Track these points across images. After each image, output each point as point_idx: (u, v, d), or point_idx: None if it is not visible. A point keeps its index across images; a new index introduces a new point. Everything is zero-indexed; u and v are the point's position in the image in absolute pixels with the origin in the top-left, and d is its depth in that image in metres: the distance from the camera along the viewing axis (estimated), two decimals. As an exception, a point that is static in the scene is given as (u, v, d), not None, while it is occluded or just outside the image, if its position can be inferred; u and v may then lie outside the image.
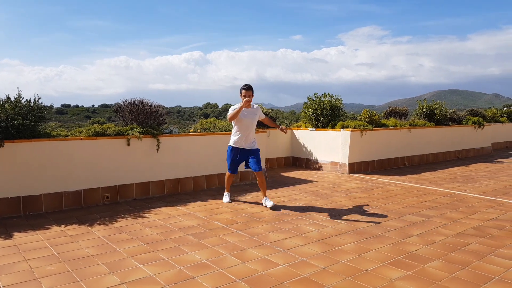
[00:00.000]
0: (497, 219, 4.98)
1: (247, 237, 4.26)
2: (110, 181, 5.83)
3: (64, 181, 5.47)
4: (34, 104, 5.40)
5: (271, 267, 3.48)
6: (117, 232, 4.42)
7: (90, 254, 3.76)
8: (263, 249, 3.90)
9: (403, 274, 3.34)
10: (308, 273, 3.36)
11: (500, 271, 3.39)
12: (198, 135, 6.74)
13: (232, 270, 3.41)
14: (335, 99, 9.16)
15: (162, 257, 3.69)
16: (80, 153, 5.58)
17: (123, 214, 5.16)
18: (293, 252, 3.83)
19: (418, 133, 9.95)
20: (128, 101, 6.28)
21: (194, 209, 5.42)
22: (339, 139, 8.50)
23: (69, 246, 4.00)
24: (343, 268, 3.47)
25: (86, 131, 5.75)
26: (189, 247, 3.94)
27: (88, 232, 4.43)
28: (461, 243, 4.11)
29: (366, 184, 7.29)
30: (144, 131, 6.04)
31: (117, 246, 3.97)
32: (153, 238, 4.23)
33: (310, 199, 6.03)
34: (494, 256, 3.75)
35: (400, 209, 5.48)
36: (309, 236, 4.32)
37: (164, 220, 4.88)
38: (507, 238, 4.25)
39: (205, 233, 4.39)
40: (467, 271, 3.41)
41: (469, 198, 6.15)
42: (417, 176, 8.17)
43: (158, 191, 6.27)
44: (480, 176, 8.18)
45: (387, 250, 3.90)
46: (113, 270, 3.40)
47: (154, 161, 6.23)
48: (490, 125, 12.86)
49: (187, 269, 3.42)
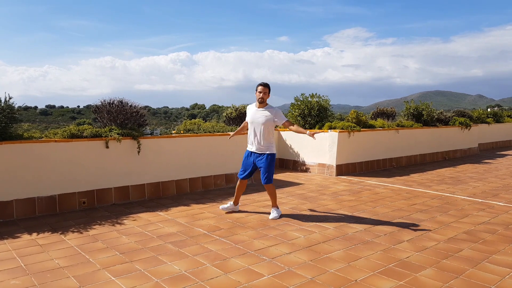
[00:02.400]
0: (488, 223, 4.84)
1: (230, 245, 4.03)
2: (87, 186, 5.53)
3: (37, 185, 5.15)
4: (5, 105, 5.09)
5: (255, 278, 3.25)
6: (92, 241, 4.14)
7: (60, 266, 3.49)
8: (247, 258, 3.67)
9: (394, 284, 3.15)
10: (295, 284, 3.14)
11: (495, 280, 3.23)
12: (180, 137, 6.48)
13: (212, 282, 3.17)
14: (323, 99, 8.99)
15: (138, 268, 3.44)
16: (54, 156, 5.27)
17: (99, 221, 4.88)
18: (279, 261, 3.62)
19: (405, 134, 9.84)
20: (107, 101, 5.99)
21: (175, 215, 5.16)
22: (326, 141, 8.32)
23: (39, 257, 3.71)
24: (331, 278, 3.26)
25: (61, 133, 5.44)
26: (168, 257, 3.69)
27: (61, 241, 4.14)
28: (453, 249, 3.94)
29: (354, 186, 7.12)
30: (123, 133, 5.75)
31: (90, 257, 3.70)
32: (129, 247, 3.97)
33: (297, 203, 5.82)
34: (488, 263, 3.59)
35: (389, 212, 5.31)
36: (295, 243, 4.10)
37: (142, 227, 4.61)
38: (500, 243, 4.10)
39: (186, 241, 4.14)
40: (461, 280, 3.24)
41: (459, 201, 6.02)
42: (405, 178, 8.04)
43: (138, 195, 5.99)
44: (468, 178, 8.09)
45: (377, 257, 3.70)
46: (84, 283, 3.13)
47: (134, 164, 5.94)
48: (476, 126, 12.87)
49: (165, 281, 3.17)
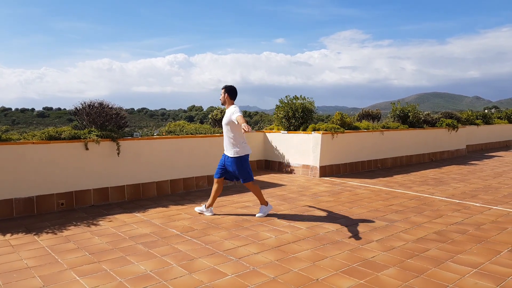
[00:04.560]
0: (460, 223, 4.90)
1: (200, 245, 4.07)
2: (66, 187, 5.57)
3: (15, 187, 5.19)
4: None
5: (218, 277, 3.29)
6: (64, 242, 4.18)
7: (28, 266, 3.52)
8: (214, 258, 3.71)
9: (355, 283, 3.20)
10: (256, 283, 3.19)
11: (455, 279, 3.28)
12: (161, 139, 6.52)
13: (175, 282, 3.21)
14: (308, 101, 9.05)
15: (105, 268, 3.47)
16: (32, 157, 5.30)
17: (75, 222, 4.91)
18: (245, 260, 3.66)
19: (391, 135, 9.91)
20: (87, 103, 6.03)
21: (152, 216, 5.20)
22: (310, 142, 8.38)
23: (9, 257, 3.75)
24: (294, 277, 3.31)
25: (39, 135, 5.48)
26: (136, 257, 3.73)
27: (33, 242, 4.17)
28: (420, 248, 3.99)
29: (335, 187, 7.17)
30: (102, 135, 5.79)
31: (59, 257, 3.73)
32: (100, 247, 4.00)
33: (275, 204, 5.86)
34: (452, 262, 3.64)
35: (364, 213, 5.37)
36: (265, 243, 4.15)
37: (117, 228, 4.65)
38: (467, 243, 4.15)
39: (157, 242, 4.18)
40: (421, 279, 3.29)
41: (436, 202, 6.08)
42: (387, 179, 8.10)
43: (118, 196, 6.03)
44: (451, 179, 8.15)
45: (343, 257, 3.75)
46: (48, 283, 3.17)
47: (114, 165, 5.98)
48: (464, 127, 12.95)
49: (128, 281, 3.21)
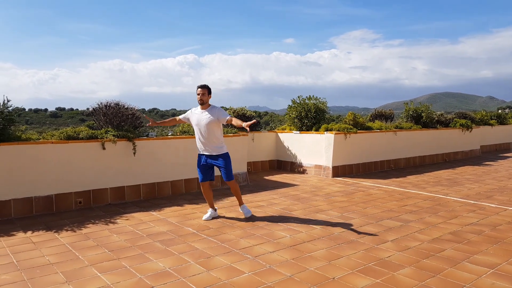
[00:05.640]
0: (476, 224, 4.88)
1: (216, 244, 4.13)
2: (83, 186, 5.68)
3: (35, 185, 5.31)
4: (4, 107, 5.26)
5: (235, 275, 3.35)
6: (84, 239, 4.27)
7: (50, 262, 3.62)
8: (230, 256, 3.77)
9: (371, 282, 3.23)
10: (273, 281, 3.23)
11: (471, 279, 3.28)
12: (175, 139, 6.61)
13: (194, 279, 3.27)
14: (320, 102, 9.06)
15: (124, 265, 3.55)
16: (51, 157, 5.42)
17: (93, 220, 5.02)
18: (261, 259, 3.71)
19: (404, 136, 9.86)
20: (104, 103, 6.14)
21: (167, 214, 5.28)
22: (322, 142, 8.39)
23: (31, 253, 3.85)
24: (310, 276, 3.35)
25: (58, 135, 5.60)
26: (154, 255, 3.80)
27: (54, 239, 4.28)
28: (436, 249, 4.00)
29: (349, 187, 7.18)
30: (119, 135, 5.90)
31: (80, 254, 3.83)
32: (119, 245, 4.09)
33: (289, 204, 5.91)
34: (468, 262, 3.64)
35: (378, 213, 5.37)
36: (281, 242, 4.19)
37: (134, 226, 4.74)
38: (483, 244, 4.14)
39: (174, 240, 4.25)
40: (438, 278, 3.30)
41: (451, 202, 6.05)
42: (401, 180, 8.07)
43: (134, 195, 6.12)
44: (465, 179, 8.10)
45: (359, 256, 3.78)
46: (70, 279, 3.26)
47: (130, 165, 6.08)
48: (478, 128, 12.82)
49: (148, 278, 3.29)
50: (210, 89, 4.90)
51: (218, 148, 4.89)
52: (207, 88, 4.88)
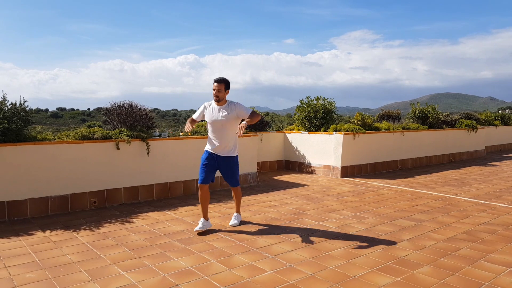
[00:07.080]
0: (489, 223, 4.93)
1: (234, 243, 4.18)
2: (98, 186, 5.73)
3: (50, 185, 5.36)
4: (20, 107, 5.31)
5: (257, 273, 3.40)
6: (102, 238, 4.32)
7: (73, 261, 3.67)
8: (250, 255, 3.82)
9: (391, 280, 3.27)
10: (295, 279, 3.28)
11: (490, 277, 3.33)
12: (188, 139, 6.65)
13: (217, 277, 3.32)
14: (328, 102, 9.11)
15: (146, 263, 3.60)
16: (66, 157, 5.48)
17: (109, 219, 5.07)
18: (281, 258, 3.76)
19: (411, 136, 9.91)
20: (117, 104, 6.19)
21: (182, 214, 5.33)
22: (331, 143, 8.44)
23: (52, 252, 3.90)
24: (331, 274, 3.39)
25: (73, 135, 5.65)
26: (175, 253, 3.85)
27: (73, 238, 4.33)
28: (451, 248, 4.04)
29: (359, 187, 7.23)
30: (133, 135, 5.95)
31: (101, 253, 3.87)
32: (138, 244, 4.14)
33: (301, 203, 5.95)
34: (485, 261, 3.69)
35: (391, 213, 5.42)
36: (298, 241, 4.24)
37: (151, 226, 4.79)
38: (498, 243, 4.19)
39: (192, 239, 4.30)
40: (457, 277, 3.35)
41: (461, 202, 6.10)
42: (409, 180, 8.12)
43: (147, 195, 6.17)
44: (473, 180, 8.14)
45: (377, 255, 3.83)
46: (95, 277, 3.31)
47: (143, 165, 6.13)
48: (483, 128, 12.86)
49: (171, 276, 3.33)
50: (228, 83, 4.38)
51: (230, 150, 4.50)
52: (224, 83, 4.35)
